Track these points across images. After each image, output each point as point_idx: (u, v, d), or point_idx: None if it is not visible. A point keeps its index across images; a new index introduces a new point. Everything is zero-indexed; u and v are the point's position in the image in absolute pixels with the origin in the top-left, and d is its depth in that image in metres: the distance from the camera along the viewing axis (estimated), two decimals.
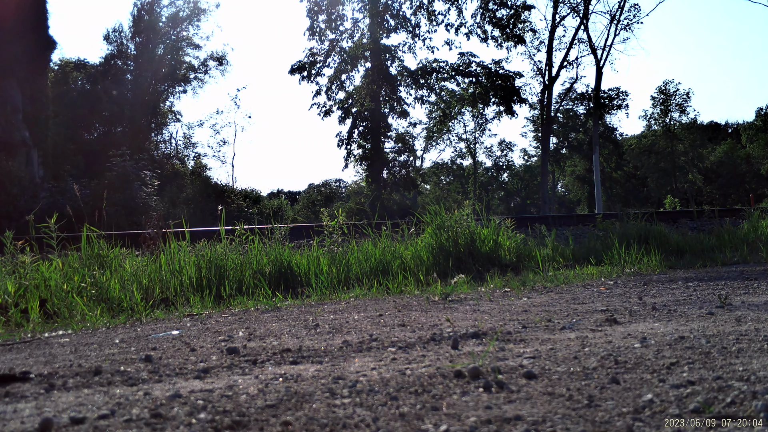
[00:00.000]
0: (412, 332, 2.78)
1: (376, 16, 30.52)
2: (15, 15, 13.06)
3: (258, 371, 2.10)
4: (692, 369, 1.91)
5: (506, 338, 2.57)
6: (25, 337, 3.21)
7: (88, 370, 2.19)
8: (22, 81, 13.10)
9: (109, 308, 4.15)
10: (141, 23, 31.55)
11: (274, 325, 3.20)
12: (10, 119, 12.70)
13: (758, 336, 2.37)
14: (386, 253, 5.62)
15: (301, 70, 31.95)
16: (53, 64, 26.17)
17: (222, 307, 4.14)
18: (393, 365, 2.11)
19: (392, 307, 3.75)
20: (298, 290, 4.85)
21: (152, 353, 2.49)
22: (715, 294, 3.80)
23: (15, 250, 4.72)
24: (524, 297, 4.11)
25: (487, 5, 31.25)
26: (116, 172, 13.63)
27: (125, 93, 29.90)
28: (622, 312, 3.21)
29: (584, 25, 32.00)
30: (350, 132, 31.84)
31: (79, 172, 19.01)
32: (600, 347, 2.27)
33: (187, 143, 35.32)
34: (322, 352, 2.39)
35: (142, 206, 12.90)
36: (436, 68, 32.37)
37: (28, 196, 11.43)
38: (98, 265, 4.72)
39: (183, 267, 4.79)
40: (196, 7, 33.42)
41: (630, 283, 4.75)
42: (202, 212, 21.02)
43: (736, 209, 11.68)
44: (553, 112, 35.03)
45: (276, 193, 38.85)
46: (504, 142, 62.62)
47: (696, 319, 2.89)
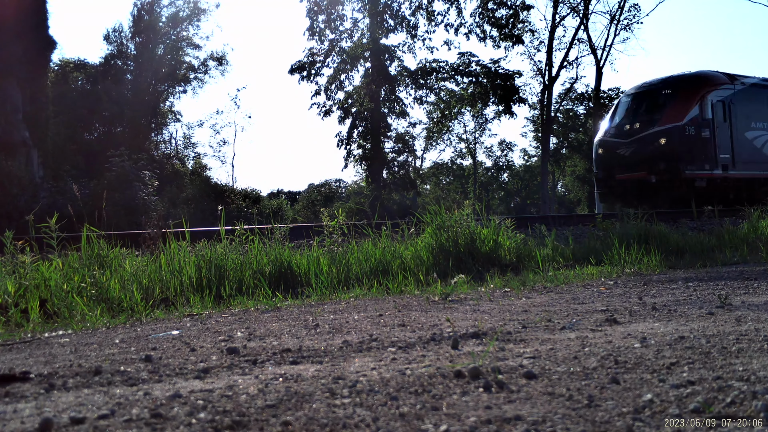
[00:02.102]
0: (412, 332, 2.78)
1: (376, 16, 30.52)
2: (15, 15, 13.06)
3: (258, 371, 2.10)
4: (692, 369, 1.91)
5: (506, 338, 2.57)
6: (25, 337, 3.21)
7: (88, 370, 2.19)
8: (22, 81, 13.10)
9: (109, 308, 4.15)
10: (141, 23, 31.54)
11: (274, 325, 3.20)
12: (10, 119, 12.70)
13: (758, 336, 2.37)
14: (386, 253, 5.61)
15: (301, 70, 31.95)
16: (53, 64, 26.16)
17: (222, 307, 4.14)
18: (393, 365, 2.11)
19: (392, 307, 3.75)
20: (298, 290, 4.85)
21: (152, 353, 2.49)
22: (715, 294, 3.80)
23: (15, 250, 4.72)
24: (524, 297, 4.11)
25: (487, 5, 31.24)
26: (115, 172, 13.63)
27: (125, 93, 29.90)
28: (622, 312, 3.21)
29: (584, 25, 32.01)
30: (350, 132, 31.84)
31: (79, 172, 19.00)
32: (600, 347, 2.27)
33: (187, 143, 35.31)
34: (322, 352, 2.39)
35: (142, 206, 12.90)
36: (435, 68, 32.38)
37: (28, 196, 11.44)
38: (98, 265, 4.72)
39: (183, 267, 4.79)
40: (196, 7, 33.43)
41: (630, 283, 4.75)
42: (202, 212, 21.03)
43: (736, 209, 11.69)
44: (553, 112, 35.02)
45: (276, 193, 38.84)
46: (504, 142, 62.66)
47: (696, 319, 2.89)
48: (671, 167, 15.52)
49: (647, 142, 15.91)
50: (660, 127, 15.83)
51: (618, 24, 32.06)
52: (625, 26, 32.43)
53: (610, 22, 32.01)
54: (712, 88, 16.40)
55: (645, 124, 16.23)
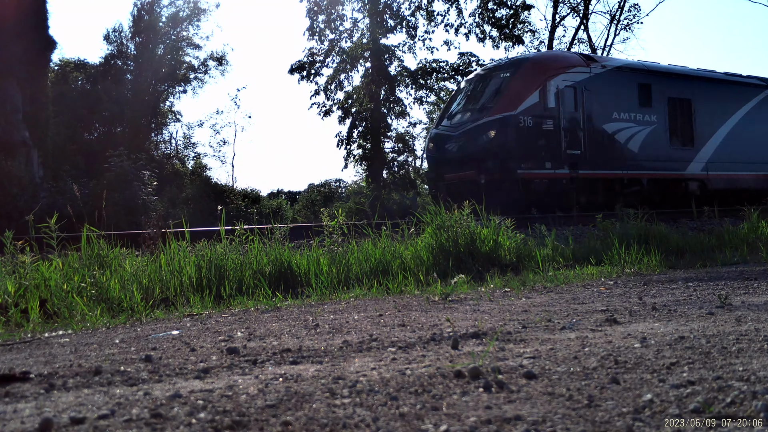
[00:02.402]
0: (412, 332, 2.78)
1: (376, 16, 30.52)
2: (15, 15, 13.07)
3: (258, 371, 2.10)
4: (692, 369, 1.91)
5: (506, 338, 2.57)
6: (25, 337, 3.21)
7: (88, 370, 2.19)
8: (22, 81, 13.11)
9: (109, 308, 4.15)
10: (141, 23, 31.53)
11: (274, 325, 3.20)
12: (10, 119, 12.71)
13: (758, 336, 2.37)
14: (386, 253, 5.62)
15: (301, 70, 31.94)
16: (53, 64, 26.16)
17: (222, 307, 4.14)
18: (393, 365, 2.11)
19: (392, 307, 3.75)
20: (298, 290, 4.85)
21: (152, 353, 2.49)
22: (715, 294, 3.80)
23: (15, 250, 4.72)
24: (524, 297, 4.11)
25: (487, 5, 31.23)
26: (115, 172, 13.64)
27: (125, 93, 29.89)
28: (622, 312, 3.21)
29: (584, 25, 32.01)
30: (350, 132, 31.83)
31: (79, 172, 19.00)
32: (600, 347, 2.27)
33: (187, 143, 35.29)
34: (322, 352, 2.39)
35: (142, 206, 12.91)
36: (435, 68, 32.36)
37: (28, 196, 11.44)
38: (98, 265, 4.72)
39: (183, 267, 4.79)
40: (196, 7, 33.40)
41: (630, 283, 4.75)
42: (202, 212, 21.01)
43: (736, 209, 11.68)
44: None
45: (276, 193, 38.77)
46: None
47: (696, 319, 2.89)
48: (501, 165, 12.67)
49: (475, 135, 13.01)
50: (490, 117, 12.90)
51: (618, 24, 32.07)
52: (625, 26, 32.45)
53: (610, 22, 32.02)
54: (559, 72, 13.48)
55: (475, 114, 13.42)
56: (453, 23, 31.65)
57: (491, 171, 12.63)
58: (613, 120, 14.26)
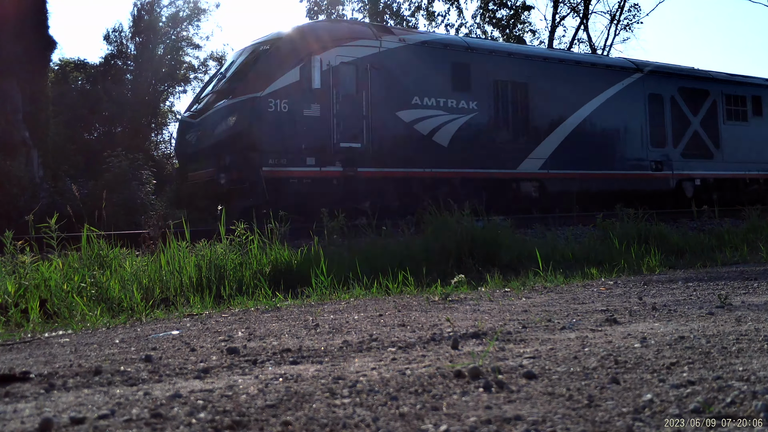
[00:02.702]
0: (412, 332, 2.78)
1: (376, 16, 30.52)
2: (15, 15, 13.07)
3: (258, 371, 2.10)
4: (692, 369, 1.91)
5: (506, 338, 2.57)
6: (25, 337, 3.21)
7: (88, 370, 2.19)
8: (22, 81, 13.10)
9: (109, 308, 4.15)
10: (141, 23, 31.53)
11: (274, 325, 3.20)
12: (10, 119, 12.70)
13: (758, 336, 2.37)
14: (386, 253, 5.62)
15: None
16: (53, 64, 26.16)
17: (222, 307, 4.14)
18: (393, 365, 2.11)
19: (392, 307, 3.74)
20: (298, 290, 4.85)
21: (152, 353, 2.49)
22: (715, 294, 3.80)
23: (15, 250, 4.72)
24: (524, 297, 4.11)
25: (487, 5, 31.24)
26: (113, 172, 13.63)
27: (125, 93, 29.89)
28: (622, 312, 3.21)
29: (584, 25, 31.99)
30: None
31: (79, 172, 19.00)
32: (600, 347, 2.27)
33: None
34: (322, 352, 2.39)
35: (142, 206, 12.90)
36: None
37: (28, 196, 11.44)
38: (98, 265, 4.72)
39: (183, 267, 4.79)
40: (196, 7, 33.41)
41: (630, 283, 4.75)
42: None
43: (736, 209, 11.67)
44: None
45: None
46: None
47: (696, 319, 2.89)
48: (241, 161, 9.89)
49: (214, 123, 10.22)
50: (231, 100, 10.13)
51: (618, 24, 32.04)
52: (625, 26, 32.40)
53: (610, 22, 31.99)
54: (332, 44, 10.61)
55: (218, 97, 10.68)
56: (453, 23, 31.64)
57: (230, 168, 9.90)
58: (413, 106, 11.24)
